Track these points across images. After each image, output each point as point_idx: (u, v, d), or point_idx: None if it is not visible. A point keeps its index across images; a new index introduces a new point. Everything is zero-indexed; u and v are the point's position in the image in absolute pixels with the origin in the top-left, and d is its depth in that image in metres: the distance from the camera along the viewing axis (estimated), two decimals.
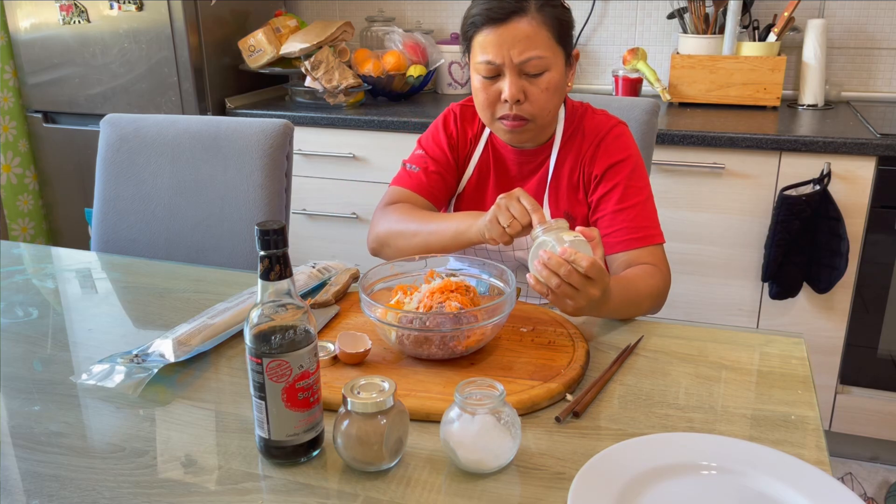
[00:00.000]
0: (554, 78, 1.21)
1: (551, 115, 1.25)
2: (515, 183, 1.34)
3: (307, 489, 0.80)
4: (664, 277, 1.22)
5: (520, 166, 1.34)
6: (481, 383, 0.81)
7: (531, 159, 1.33)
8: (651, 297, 1.17)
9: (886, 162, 1.93)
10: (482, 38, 1.19)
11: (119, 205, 1.72)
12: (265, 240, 0.77)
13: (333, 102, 2.46)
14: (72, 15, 2.52)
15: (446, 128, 1.37)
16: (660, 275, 1.21)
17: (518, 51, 1.17)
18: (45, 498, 0.79)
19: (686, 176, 2.10)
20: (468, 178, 1.37)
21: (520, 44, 1.17)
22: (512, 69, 1.18)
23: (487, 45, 1.18)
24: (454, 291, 1.04)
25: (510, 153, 1.34)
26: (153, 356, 1.04)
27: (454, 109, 1.39)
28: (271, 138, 1.61)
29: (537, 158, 1.33)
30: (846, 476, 2.14)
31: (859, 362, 2.10)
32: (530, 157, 1.33)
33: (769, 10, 2.46)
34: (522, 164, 1.33)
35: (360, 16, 2.91)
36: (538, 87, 1.20)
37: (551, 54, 1.19)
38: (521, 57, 1.17)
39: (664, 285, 1.22)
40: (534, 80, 1.20)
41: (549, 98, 1.21)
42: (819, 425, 0.89)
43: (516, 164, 1.34)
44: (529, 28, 1.17)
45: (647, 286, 1.17)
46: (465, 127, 1.37)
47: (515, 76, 1.19)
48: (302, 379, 0.80)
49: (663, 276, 1.22)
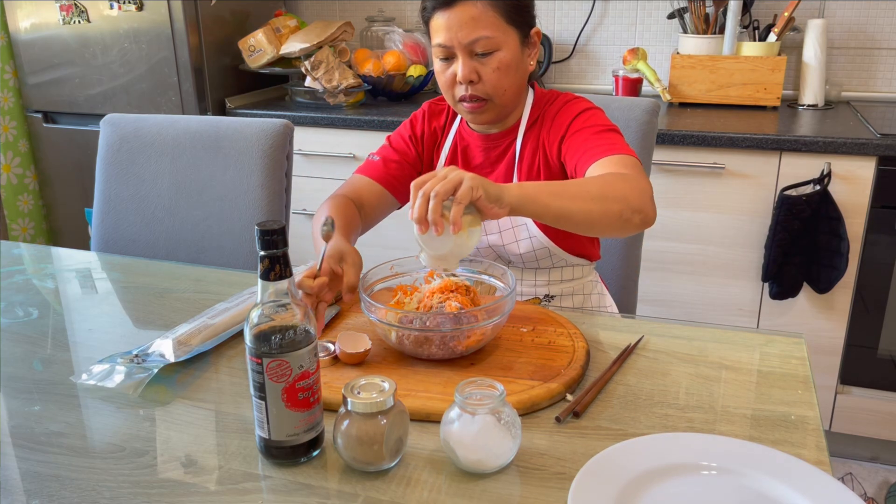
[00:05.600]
0: (505, 57, 1.22)
1: (508, 95, 1.26)
2: (484, 170, 1.36)
3: (307, 489, 0.80)
4: (628, 176, 1.09)
5: (486, 152, 1.35)
6: (481, 383, 0.81)
7: (496, 144, 1.34)
8: (608, 187, 1.05)
9: (886, 162, 1.93)
10: (435, 23, 1.23)
11: (119, 205, 1.72)
12: (265, 240, 0.77)
13: (333, 102, 2.46)
14: (72, 15, 2.52)
15: (413, 123, 1.42)
16: (619, 174, 1.09)
17: (465, 32, 1.20)
18: (45, 498, 0.79)
19: (686, 176, 2.10)
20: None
21: (466, 25, 1.20)
22: (462, 50, 1.22)
23: (439, 29, 1.22)
24: (454, 291, 1.04)
25: (476, 139, 1.36)
26: (153, 356, 1.04)
27: (424, 107, 1.43)
28: (271, 138, 1.61)
29: (503, 143, 1.34)
30: (846, 476, 2.14)
31: (859, 362, 2.10)
32: (496, 141, 1.34)
33: (769, 10, 2.46)
34: (489, 149, 1.35)
35: (360, 16, 2.91)
36: (489, 67, 1.22)
37: (500, 34, 1.21)
38: (469, 38, 1.20)
39: (629, 181, 1.08)
40: (484, 61, 1.22)
41: (501, 77, 1.23)
42: (819, 425, 0.89)
43: (483, 151, 1.36)
44: (475, 10, 1.19)
45: (601, 181, 1.07)
46: (431, 121, 1.41)
47: (466, 57, 1.22)
48: (302, 379, 0.80)
49: (626, 175, 1.09)
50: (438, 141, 1.41)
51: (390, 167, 1.37)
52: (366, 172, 1.37)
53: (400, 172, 1.37)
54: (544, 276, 1.36)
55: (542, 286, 1.36)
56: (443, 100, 1.41)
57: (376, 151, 1.40)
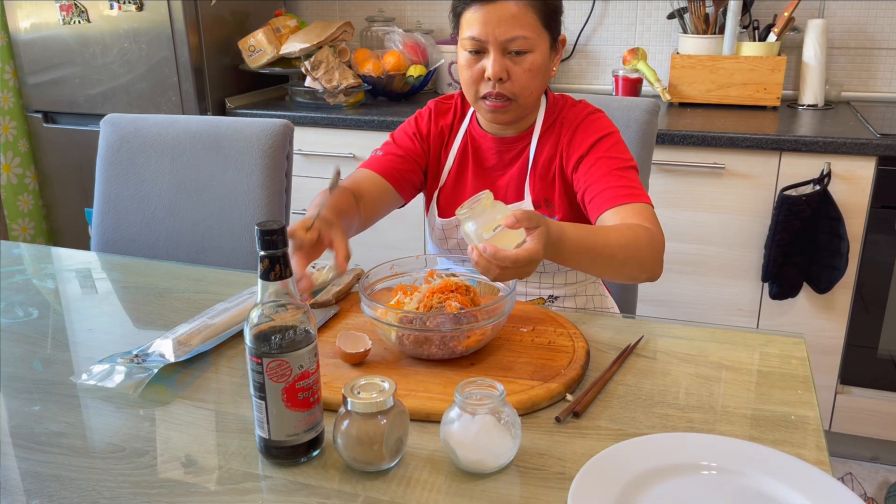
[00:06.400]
0: (537, 59, 1.22)
1: (533, 97, 1.26)
2: (495, 173, 1.35)
3: (307, 489, 0.80)
4: (650, 232, 1.13)
5: (500, 155, 1.34)
6: (481, 383, 0.81)
7: (511, 147, 1.33)
8: (629, 250, 1.09)
9: (886, 162, 1.93)
10: (470, 15, 1.21)
11: (119, 205, 1.72)
12: (265, 240, 0.77)
13: (333, 102, 2.46)
14: (72, 15, 2.52)
15: (418, 120, 1.40)
16: (643, 229, 1.13)
17: (503, 29, 1.19)
18: (45, 498, 0.79)
19: (686, 176, 2.10)
20: (448, 170, 1.38)
21: (505, 22, 1.19)
22: (496, 47, 1.20)
23: (474, 22, 1.21)
24: (454, 291, 1.04)
25: (489, 142, 1.34)
26: (153, 356, 1.04)
27: (430, 105, 1.42)
28: (271, 138, 1.61)
29: (517, 147, 1.33)
30: (846, 476, 2.14)
31: (859, 362, 2.10)
32: (510, 145, 1.33)
33: (769, 10, 2.46)
34: (502, 152, 1.34)
35: (360, 16, 2.91)
36: (521, 67, 1.22)
37: (536, 36, 1.21)
38: (506, 35, 1.19)
39: (650, 239, 1.12)
40: (517, 60, 1.22)
41: (531, 78, 1.23)
42: (819, 425, 0.89)
43: (496, 154, 1.34)
44: (516, 8, 1.19)
45: (621, 236, 1.10)
46: (438, 120, 1.39)
47: (499, 55, 1.21)
48: (302, 379, 0.80)
49: (649, 231, 1.13)
50: (446, 140, 1.39)
51: (393, 160, 1.36)
52: (368, 166, 1.36)
53: (403, 166, 1.36)
54: (549, 278, 1.36)
55: (547, 288, 1.36)
56: (450, 98, 1.41)
57: (379, 147, 1.39)
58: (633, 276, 1.15)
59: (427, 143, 1.39)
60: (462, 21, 1.24)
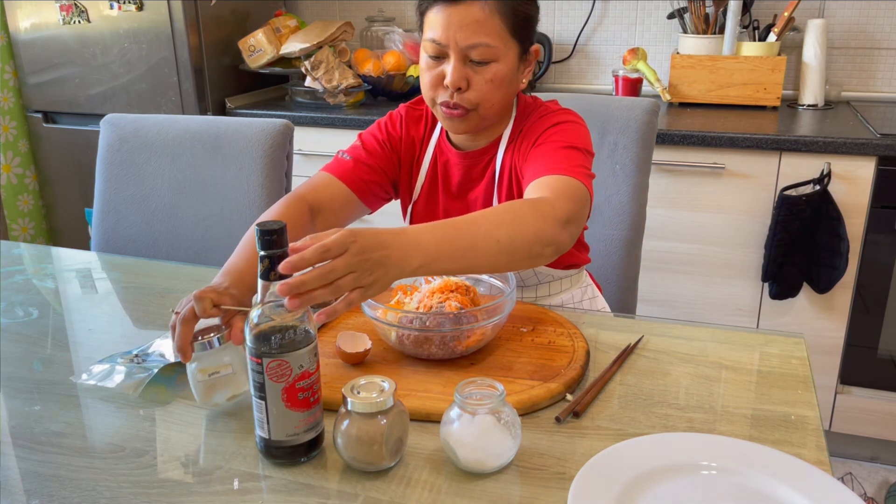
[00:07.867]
0: (501, 70, 1.13)
1: (495, 109, 1.17)
2: (464, 188, 1.28)
3: (307, 489, 0.80)
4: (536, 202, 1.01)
5: (466, 171, 1.26)
6: (481, 383, 0.81)
7: (477, 161, 1.26)
8: (510, 226, 0.96)
9: (886, 162, 1.93)
10: (432, 16, 1.13)
11: (119, 205, 1.72)
12: (265, 240, 0.77)
13: (333, 102, 2.46)
14: (72, 15, 2.52)
15: (389, 125, 1.31)
16: (525, 201, 1.02)
17: (465, 35, 1.10)
18: (45, 498, 0.79)
19: (686, 176, 2.10)
20: (421, 186, 1.31)
21: (468, 27, 1.10)
22: (457, 53, 1.12)
23: (436, 24, 1.12)
24: (454, 291, 1.04)
25: (456, 157, 1.26)
26: (153, 356, 1.04)
27: (401, 110, 1.32)
28: (271, 138, 1.61)
29: (483, 160, 1.25)
30: (846, 476, 2.14)
31: (859, 362, 2.10)
32: (476, 159, 1.25)
33: (769, 10, 2.46)
34: (469, 167, 1.26)
35: (360, 16, 2.91)
36: (483, 77, 1.13)
37: (502, 44, 1.12)
38: (468, 42, 1.11)
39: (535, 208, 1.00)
40: (478, 69, 1.13)
41: (492, 90, 1.14)
42: (819, 425, 0.89)
43: (462, 170, 1.26)
44: (481, 14, 1.10)
45: (493, 215, 0.97)
46: (409, 129, 1.30)
47: (460, 62, 1.13)
48: (302, 379, 0.80)
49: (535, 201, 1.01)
50: (417, 155, 1.30)
51: (360, 168, 1.26)
52: (333, 171, 1.25)
53: (371, 177, 1.26)
54: (531, 292, 1.31)
55: (530, 301, 1.31)
56: (420, 103, 1.31)
57: (347, 150, 1.28)
58: (533, 253, 0.99)
59: (398, 153, 1.30)
60: (425, 21, 1.15)
